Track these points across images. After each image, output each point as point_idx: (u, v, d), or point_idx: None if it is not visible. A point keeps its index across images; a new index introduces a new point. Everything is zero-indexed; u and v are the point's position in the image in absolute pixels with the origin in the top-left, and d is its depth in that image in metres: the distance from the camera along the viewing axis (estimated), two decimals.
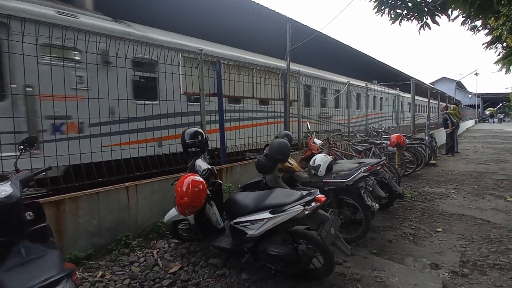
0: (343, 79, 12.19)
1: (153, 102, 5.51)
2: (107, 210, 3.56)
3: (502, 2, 5.95)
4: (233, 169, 5.07)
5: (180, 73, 4.88)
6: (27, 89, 4.09)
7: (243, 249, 2.95)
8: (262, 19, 11.03)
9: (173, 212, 3.34)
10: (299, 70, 7.28)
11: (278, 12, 10.98)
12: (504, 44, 10.29)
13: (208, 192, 3.03)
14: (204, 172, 3.18)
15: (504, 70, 12.71)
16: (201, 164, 3.28)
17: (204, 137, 3.52)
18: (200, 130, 3.54)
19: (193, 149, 3.42)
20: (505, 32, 7.63)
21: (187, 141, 3.40)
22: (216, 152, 5.91)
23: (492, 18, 7.26)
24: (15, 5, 4.31)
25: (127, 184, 3.76)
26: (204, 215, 3.16)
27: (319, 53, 14.16)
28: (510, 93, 39.20)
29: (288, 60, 6.46)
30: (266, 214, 2.72)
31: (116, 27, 5.49)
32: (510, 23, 6.84)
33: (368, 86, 12.36)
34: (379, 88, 14.64)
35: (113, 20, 5.83)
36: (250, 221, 2.80)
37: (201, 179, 2.87)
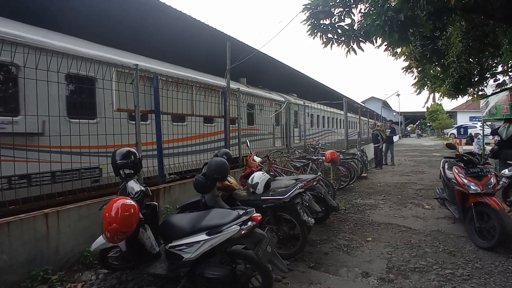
0: (281, 97, 12.71)
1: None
2: (20, 242, 3.11)
3: (416, 35, 6.87)
4: (171, 189, 4.87)
5: (114, 88, 4.58)
6: None
7: (179, 275, 2.81)
8: (203, 37, 11.08)
9: (101, 240, 3.05)
10: (239, 88, 7.41)
11: (219, 30, 11.14)
12: (419, 69, 11.83)
13: (141, 215, 2.85)
14: (137, 194, 2.99)
15: (418, 91, 14.55)
16: (134, 186, 3.08)
17: (138, 157, 3.33)
18: (133, 149, 3.34)
19: (125, 170, 3.21)
20: (412, 59, 8.79)
21: (118, 161, 3.18)
22: None
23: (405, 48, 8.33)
24: None
25: (46, 210, 3.35)
26: (137, 241, 2.95)
27: (259, 72, 14.65)
28: (425, 112, 44.91)
29: (228, 78, 6.55)
30: (202, 236, 2.65)
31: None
32: (416, 49, 7.90)
33: (307, 104, 13.16)
34: (318, 106, 15.58)
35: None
36: (186, 244, 2.70)
37: (133, 203, 2.68)
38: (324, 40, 6.21)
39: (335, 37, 6.19)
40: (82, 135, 4.39)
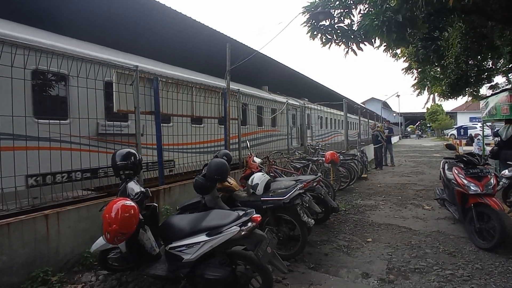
0: (282, 98, 12.75)
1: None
2: (20, 243, 3.11)
3: (414, 35, 6.89)
4: (171, 190, 4.88)
5: (114, 90, 4.60)
6: None
7: (179, 276, 2.81)
8: (202, 38, 11.10)
9: (101, 241, 3.06)
10: (239, 89, 7.42)
11: (219, 31, 11.15)
12: (419, 70, 11.85)
13: (141, 217, 2.85)
14: (137, 195, 2.99)
15: (418, 92, 14.59)
16: (134, 187, 3.09)
17: (138, 158, 3.33)
18: (132, 151, 3.34)
19: (125, 171, 3.21)
20: (414, 59, 8.83)
21: (118, 163, 3.18)
22: None
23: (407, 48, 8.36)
24: None
25: (46, 212, 3.35)
26: (137, 242, 2.95)
27: (260, 73, 14.69)
28: (425, 112, 44.95)
29: (228, 79, 6.56)
30: (202, 237, 2.65)
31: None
32: (416, 51, 7.93)
33: (318, 108, 13.42)
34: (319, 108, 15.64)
35: None
36: (186, 245, 2.70)
37: (133, 204, 2.68)
38: (324, 40, 6.23)
39: (334, 37, 6.21)
40: (164, 135, 5.38)
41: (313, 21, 5.98)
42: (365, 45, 6.27)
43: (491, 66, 10.57)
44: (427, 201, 6.98)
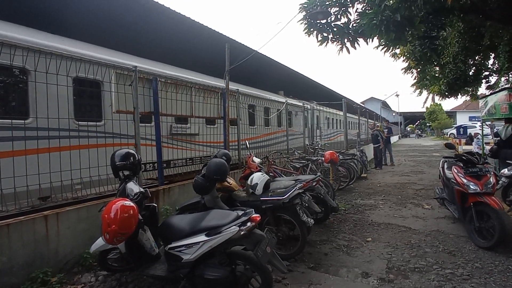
0: (282, 98, 12.79)
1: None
2: (19, 244, 3.11)
3: (412, 34, 6.90)
4: (171, 190, 4.87)
5: (112, 90, 4.60)
6: None
7: (179, 276, 2.80)
8: (202, 38, 11.09)
9: (100, 242, 3.05)
10: (238, 89, 7.42)
11: (218, 32, 11.14)
12: (418, 69, 11.87)
13: (141, 217, 2.85)
14: (136, 196, 2.99)
15: (418, 92, 14.61)
16: (133, 187, 3.09)
17: (137, 159, 3.33)
18: (132, 151, 3.34)
19: (124, 172, 3.21)
20: (412, 58, 8.82)
21: (117, 163, 3.18)
22: None
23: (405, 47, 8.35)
24: None
25: (45, 212, 3.35)
26: (136, 242, 2.94)
27: (259, 73, 14.70)
28: (424, 112, 44.98)
29: (227, 79, 6.56)
30: (202, 237, 2.65)
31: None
32: (414, 49, 7.93)
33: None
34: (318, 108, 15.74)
35: None
36: (186, 245, 2.69)
37: (132, 204, 2.68)
38: (320, 38, 6.23)
39: (331, 35, 6.21)
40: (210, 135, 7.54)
41: (310, 19, 5.98)
42: (358, 44, 6.26)
43: (489, 66, 10.59)
44: (427, 200, 6.99)
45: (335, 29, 6.10)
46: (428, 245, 4.35)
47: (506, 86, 9.76)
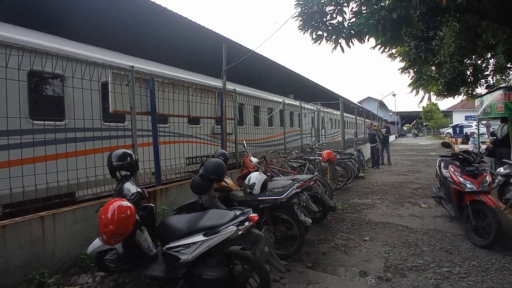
0: (279, 98, 12.80)
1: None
2: (16, 245, 3.09)
3: (409, 34, 6.92)
4: (168, 190, 4.86)
5: (110, 90, 4.58)
6: None
7: (176, 276, 2.79)
8: (199, 38, 11.07)
9: (97, 242, 3.04)
10: (235, 89, 7.41)
11: (214, 31, 11.13)
12: (415, 69, 11.92)
13: (138, 217, 2.84)
14: (133, 196, 2.98)
15: (415, 92, 14.68)
16: (130, 187, 3.08)
17: (134, 159, 3.32)
18: (129, 151, 3.33)
19: (122, 172, 3.20)
20: (407, 59, 8.88)
21: (114, 163, 3.17)
22: None
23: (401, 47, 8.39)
24: None
25: (42, 213, 3.33)
26: (133, 242, 2.93)
27: (256, 73, 14.71)
28: (421, 111, 45.20)
29: (224, 79, 6.55)
30: (199, 237, 2.64)
31: None
32: (410, 50, 7.97)
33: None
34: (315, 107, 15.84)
35: None
36: (183, 245, 2.68)
37: (129, 204, 2.68)
38: (314, 36, 6.23)
39: (325, 34, 6.21)
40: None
41: (305, 16, 5.98)
42: (353, 43, 6.25)
43: (483, 66, 10.66)
44: (424, 199, 7.01)
45: (329, 28, 6.09)
46: (425, 244, 4.37)
47: (502, 85, 9.83)
